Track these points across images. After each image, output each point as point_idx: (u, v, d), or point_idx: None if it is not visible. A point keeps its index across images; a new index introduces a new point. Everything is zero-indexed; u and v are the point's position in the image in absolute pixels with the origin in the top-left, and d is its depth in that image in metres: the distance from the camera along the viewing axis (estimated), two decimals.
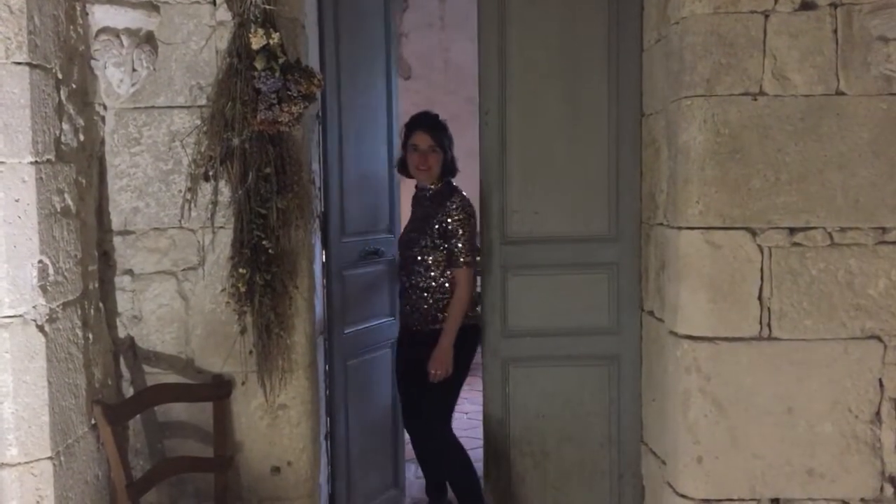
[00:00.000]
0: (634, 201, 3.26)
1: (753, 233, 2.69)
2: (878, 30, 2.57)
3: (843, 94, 2.65)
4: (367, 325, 3.50)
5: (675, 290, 2.79)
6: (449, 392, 3.39)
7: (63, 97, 2.38)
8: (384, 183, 3.65)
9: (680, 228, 2.75)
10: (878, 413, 2.71)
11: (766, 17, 2.65)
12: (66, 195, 2.37)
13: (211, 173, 2.66)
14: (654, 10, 3.06)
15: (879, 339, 2.70)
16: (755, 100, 2.66)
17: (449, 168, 3.49)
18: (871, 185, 2.66)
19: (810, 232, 2.69)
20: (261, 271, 2.63)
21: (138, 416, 2.69)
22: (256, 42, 2.49)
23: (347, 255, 3.34)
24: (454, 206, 3.36)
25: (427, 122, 3.46)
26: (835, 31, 2.64)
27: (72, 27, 2.45)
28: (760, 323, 2.71)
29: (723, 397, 2.73)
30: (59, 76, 2.35)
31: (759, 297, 2.70)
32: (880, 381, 2.70)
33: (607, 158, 3.26)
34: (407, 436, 3.68)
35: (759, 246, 2.69)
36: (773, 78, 2.66)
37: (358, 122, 3.40)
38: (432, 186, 3.45)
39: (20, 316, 2.19)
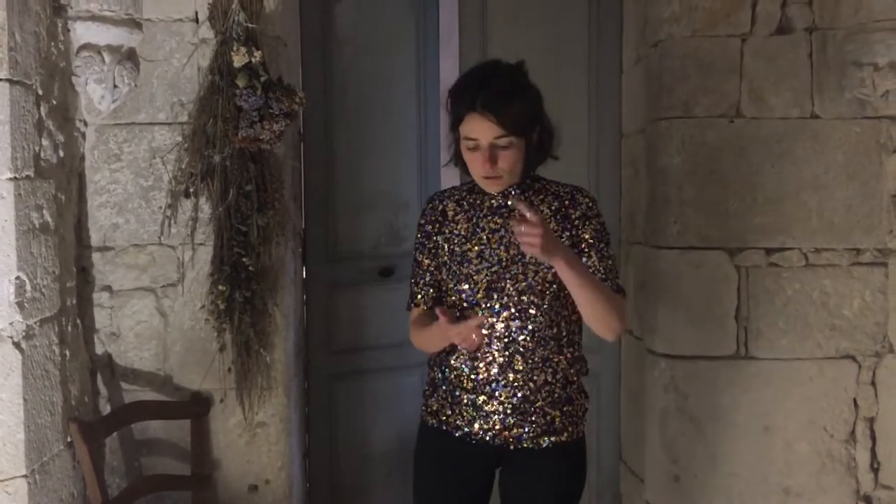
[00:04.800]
0: (613, 221, 3.29)
1: (730, 253, 2.72)
2: (852, 55, 2.62)
3: (818, 117, 2.70)
4: (366, 347, 3.27)
5: (654, 309, 2.81)
6: None
7: (43, 113, 2.37)
8: (409, 198, 3.28)
9: (658, 248, 2.78)
10: (852, 432, 2.74)
11: (744, 40, 2.69)
12: (44, 211, 2.36)
13: (191, 190, 2.66)
14: (634, 31, 3.10)
15: (854, 359, 2.73)
16: (732, 122, 2.70)
17: (537, 155, 1.99)
18: (845, 207, 2.70)
19: (786, 252, 2.72)
20: (241, 288, 2.62)
21: (115, 433, 2.67)
22: (238, 60, 2.50)
23: (344, 274, 3.28)
24: (589, 203, 2.00)
25: (489, 97, 1.86)
26: (810, 56, 2.69)
27: (53, 43, 2.45)
28: (737, 342, 2.74)
29: (700, 416, 2.75)
30: (40, 92, 2.35)
31: (736, 317, 2.73)
32: (855, 400, 2.73)
33: (587, 178, 3.28)
34: None
35: (737, 266, 2.73)
36: (749, 100, 2.70)
37: (366, 136, 3.22)
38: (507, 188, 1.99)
39: None
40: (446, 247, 2.04)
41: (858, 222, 2.70)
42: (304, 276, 3.23)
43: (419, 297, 2.09)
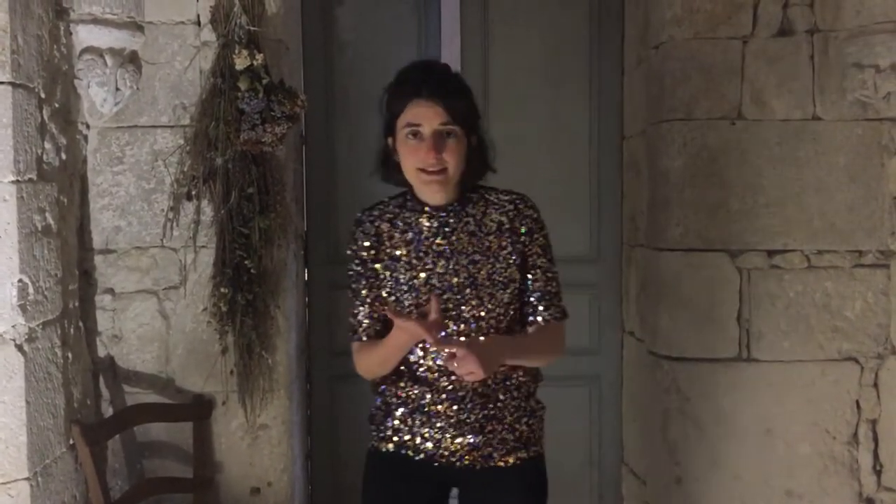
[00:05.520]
0: (615, 223, 3.29)
1: (732, 255, 2.72)
2: (853, 56, 2.62)
3: (819, 119, 2.70)
4: None
5: (655, 310, 2.81)
6: None
7: (46, 116, 2.37)
8: None
9: (660, 250, 2.78)
10: (855, 434, 2.74)
11: (745, 42, 2.69)
12: (47, 214, 2.36)
13: (193, 193, 2.66)
14: (635, 33, 3.10)
15: (856, 360, 2.73)
16: (733, 124, 2.70)
17: (479, 165, 1.91)
18: (847, 209, 2.70)
19: (788, 255, 2.72)
20: (243, 291, 2.62)
21: (117, 436, 2.67)
22: (240, 63, 2.50)
23: (345, 276, 3.27)
24: (534, 215, 1.92)
25: (434, 84, 1.81)
26: (811, 58, 2.69)
27: (55, 46, 2.45)
28: (739, 344, 2.74)
29: (702, 418, 2.75)
30: (42, 95, 2.35)
31: (738, 319, 2.73)
32: (857, 402, 2.73)
33: (588, 180, 3.29)
34: None
35: (738, 268, 2.72)
36: (751, 103, 2.70)
37: (367, 138, 3.19)
38: (447, 203, 1.89)
39: None
40: (388, 275, 1.88)
41: (860, 224, 2.70)
42: (306, 278, 3.23)
43: (360, 329, 1.93)
